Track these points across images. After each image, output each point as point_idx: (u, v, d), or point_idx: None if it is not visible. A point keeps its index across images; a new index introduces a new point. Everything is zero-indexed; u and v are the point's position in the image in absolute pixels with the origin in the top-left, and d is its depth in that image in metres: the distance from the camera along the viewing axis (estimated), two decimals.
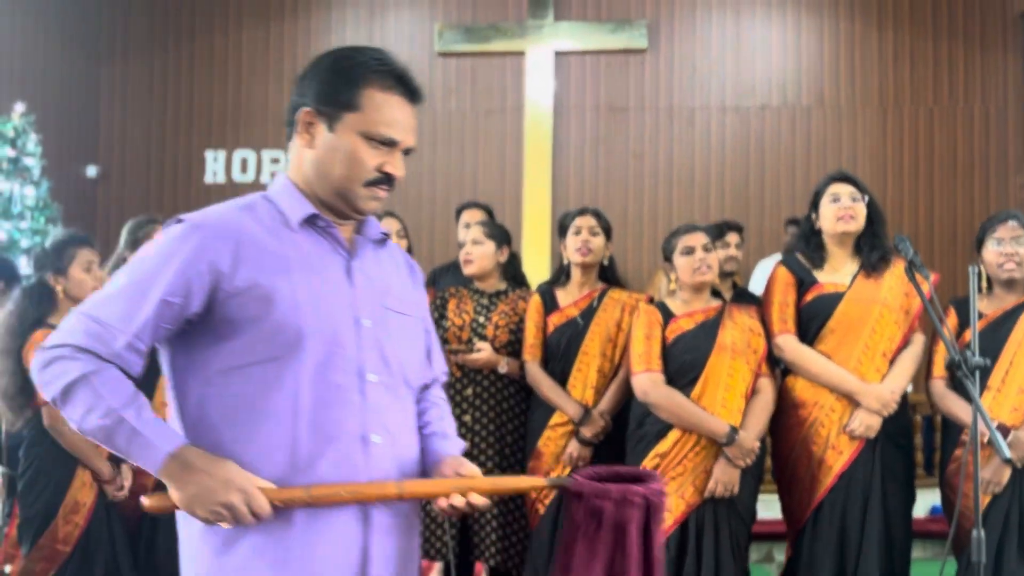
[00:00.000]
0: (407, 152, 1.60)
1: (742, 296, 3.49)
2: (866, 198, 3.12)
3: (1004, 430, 2.88)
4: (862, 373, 3.00)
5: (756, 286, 6.03)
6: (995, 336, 2.94)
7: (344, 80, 1.54)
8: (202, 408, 1.48)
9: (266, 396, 1.46)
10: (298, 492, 1.42)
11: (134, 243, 3.29)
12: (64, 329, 1.45)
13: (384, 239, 1.68)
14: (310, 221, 1.56)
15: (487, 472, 3.39)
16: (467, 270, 3.57)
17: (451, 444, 1.66)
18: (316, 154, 1.56)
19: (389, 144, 1.55)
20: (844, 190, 3.10)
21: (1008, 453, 2.11)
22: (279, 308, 1.47)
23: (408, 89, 1.57)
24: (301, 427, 1.47)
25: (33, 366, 1.45)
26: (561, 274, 3.50)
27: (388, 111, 1.54)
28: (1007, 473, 2.88)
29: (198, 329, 1.49)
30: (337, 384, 1.50)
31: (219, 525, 1.42)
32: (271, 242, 1.52)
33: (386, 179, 1.56)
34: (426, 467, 1.62)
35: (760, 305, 3.23)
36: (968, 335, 2.47)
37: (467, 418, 3.40)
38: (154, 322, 1.45)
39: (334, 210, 1.58)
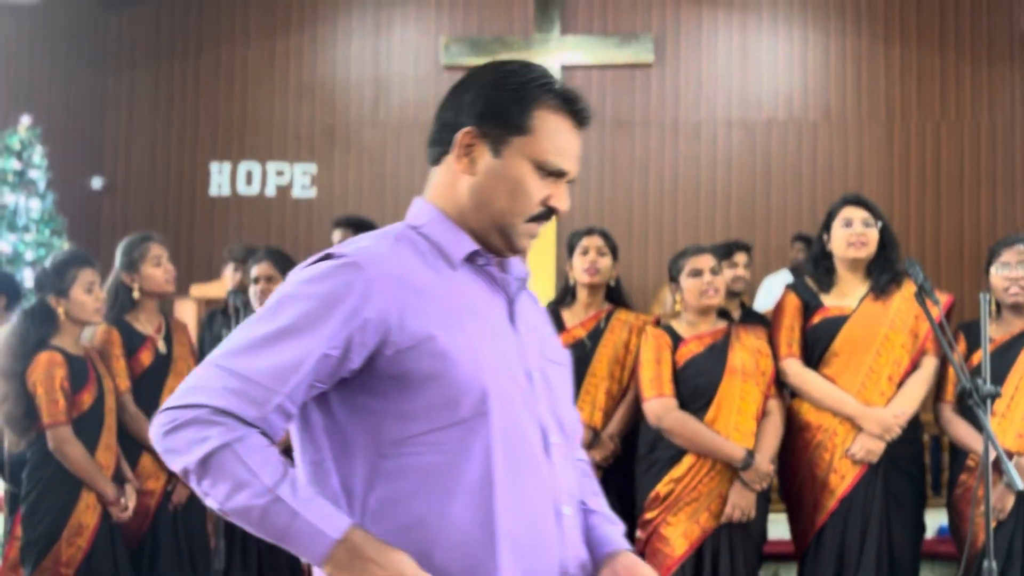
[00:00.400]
0: (569, 183, 1.40)
1: (747, 317, 3.47)
2: (879, 224, 3.09)
3: (1008, 455, 2.85)
4: (866, 397, 2.98)
5: (762, 302, 6.01)
6: (1002, 361, 2.91)
7: (514, 99, 1.33)
8: (372, 484, 1.25)
9: (454, 468, 1.24)
10: None
11: (129, 264, 3.27)
12: (197, 384, 1.22)
13: (527, 279, 1.44)
14: (470, 259, 1.35)
15: None
16: None
17: (618, 531, 1.45)
18: (476, 181, 1.34)
19: (557, 175, 1.35)
20: (857, 214, 3.07)
21: (1021, 484, 2.09)
22: (460, 364, 1.25)
23: (578, 113, 1.37)
24: (496, 503, 1.25)
25: (156, 428, 1.22)
26: (567, 294, 3.48)
27: (560, 137, 1.35)
28: (1011, 500, 2.86)
29: (356, 388, 1.26)
30: (525, 449, 1.29)
31: None
32: (437, 285, 1.30)
33: (548, 214, 1.36)
34: (594, 554, 1.40)
35: (767, 325, 3.22)
36: (976, 358, 2.45)
37: None
38: (310, 380, 1.21)
39: (488, 247, 1.36)
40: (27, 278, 5.91)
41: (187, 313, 5.74)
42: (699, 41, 7.61)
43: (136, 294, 3.26)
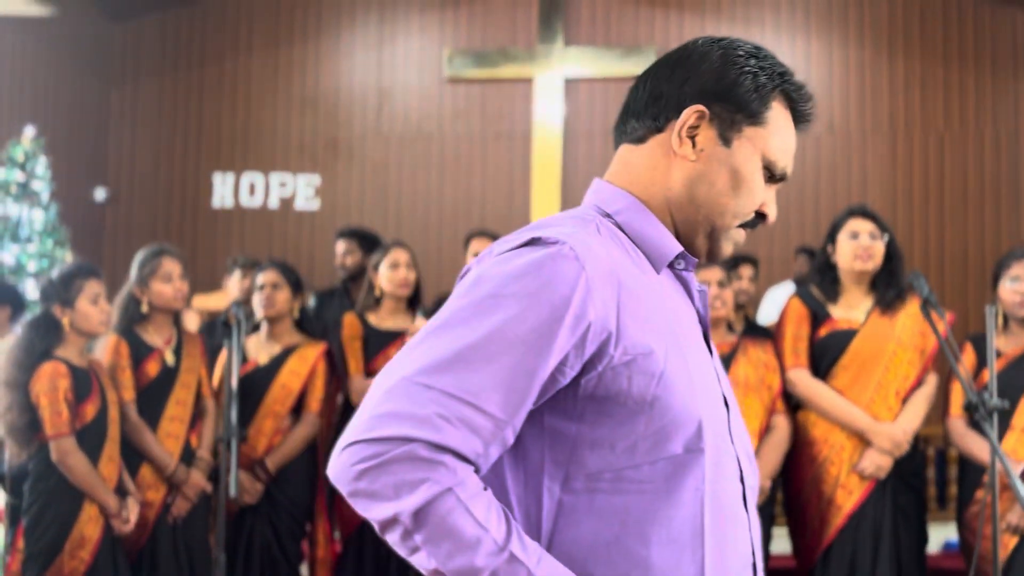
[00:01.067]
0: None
1: (754, 330, 3.46)
2: (886, 237, 3.07)
3: None
4: (874, 412, 2.96)
5: (766, 314, 5.99)
6: (1017, 375, 2.89)
7: (753, 82, 1.12)
8: (557, 524, 1.02)
9: (659, 513, 1.02)
10: None
11: (140, 279, 3.28)
12: (399, 411, 0.95)
13: (702, 292, 1.21)
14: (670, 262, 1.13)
15: None
16: None
17: None
18: (696, 169, 1.11)
19: (778, 178, 1.17)
20: (864, 227, 3.06)
21: None
22: (676, 388, 1.03)
23: (805, 115, 1.19)
24: (705, 559, 1.03)
25: (346, 464, 0.96)
26: None
27: (788, 136, 1.16)
28: None
29: (547, 407, 1.03)
30: (729, 495, 1.08)
31: None
32: (648, 290, 1.07)
33: (757, 221, 1.17)
34: None
35: (773, 339, 3.20)
36: (986, 375, 2.43)
37: None
38: (533, 399, 1.00)
39: (688, 248, 1.15)
40: (30, 289, 5.92)
41: (189, 324, 5.73)
42: None
43: (144, 308, 3.26)
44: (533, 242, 1.03)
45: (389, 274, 3.61)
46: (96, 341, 3.19)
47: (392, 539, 0.97)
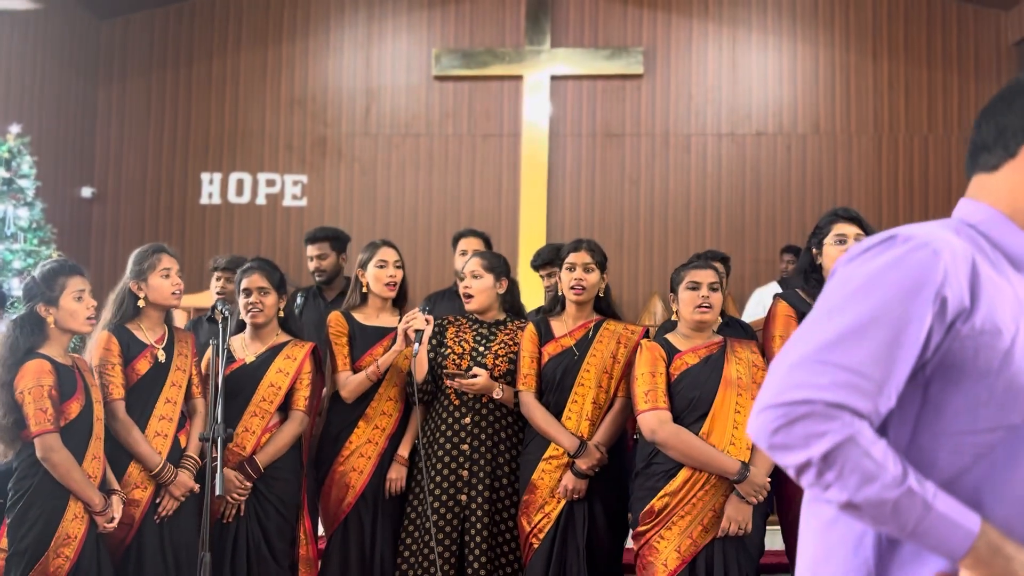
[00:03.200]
0: None
1: (732, 325, 3.48)
2: None
3: None
4: None
5: (751, 314, 6.02)
6: None
7: None
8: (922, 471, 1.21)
9: (999, 476, 1.19)
10: None
11: (138, 273, 3.28)
12: (800, 381, 1.18)
13: None
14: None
15: (480, 504, 3.36)
16: (469, 306, 3.56)
17: None
18: None
19: None
20: (850, 231, 3.07)
21: None
22: (1017, 361, 1.20)
23: None
24: None
25: (764, 425, 1.19)
26: (556, 303, 3.49)
27: None
28: None
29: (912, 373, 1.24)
30: None
31: None
32: (1000, 280, 1.24)
33: None
34: None
35: (751, 333, 3.21)
36: None
37: (465, 447, 3.38)
38: (910, 367, 1.19)
39: None
40: (15, 287, 5.89)
41: (177, 322, 5.71)
42: (689, 54, 7.65)
43: (141, 303, 3.26)
44: (891, 239, 1.24)
45: (376, 272, 3.62)
46: (87, 338, 3.18)
47: (806, 480, 1.18)
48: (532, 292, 6.87)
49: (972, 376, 1.19)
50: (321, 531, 3.67)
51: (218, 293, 4.44)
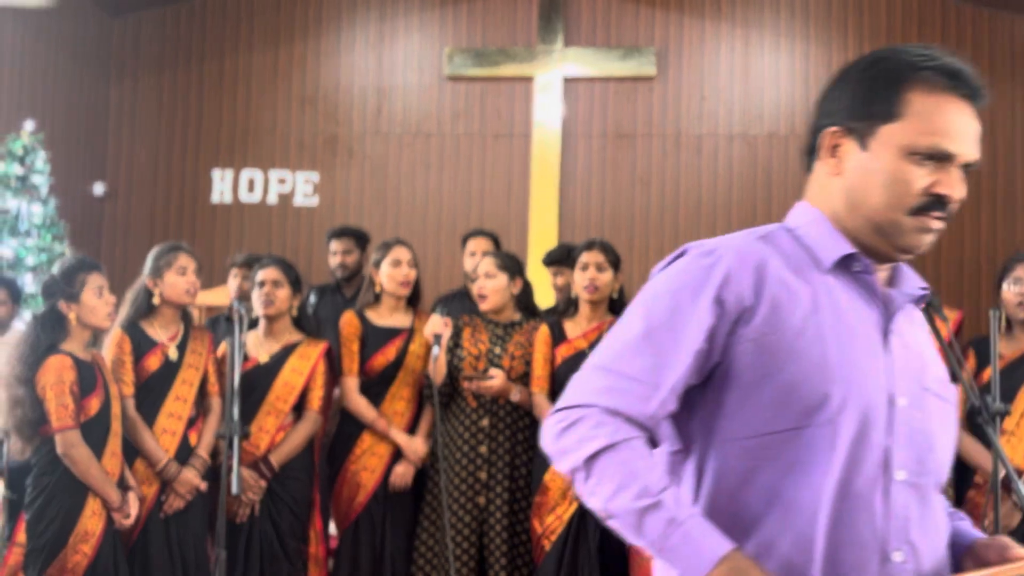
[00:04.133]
0: (968, 168, 1.25)
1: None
2: None
3: (1018, 473, 2.85)
4: None
5: None
6: (1012, 378, 2.91)
7: (881, 85, 1.23)
8: (701, 484, 1.21)
9: (786, 478, 1.15)
10: None
11: (155, 270, 3.29)
12: (581, 387, 1.21)
13: (924, 296, 1.31)
14: (844, 264, 1.25)
15: (499, 506, 3.35)
16: (483, 306, 3.55)
17: (967, 525, 1.31)
18: (846, 181, 1.26)
19: (940, 158, 1.21)
20: None
21: None
22: (800, 364, 1.16)
23: (961, 87, 1.22)
24: (819, 529, 1.14)
25: (549, 431, 1.21)
26: (569, 304, 3.48)
27: (938, 117, 1.21)
28: (1018, 518, 2.85)
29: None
30: (860, 479, 1.16)
31: None
32: (795, 282, 1.22)
33: (938, 202, 1.22)
34: (955, 553, 1.27)
35: None
36: (987, 375, 2.44)
37: (483, 449, 3.38)
38: (688, 374, 1.19)
39: (871, 251, 1.26)
40: (28, 283, 5.90)
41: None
42: (702, 54, 7.63)
43: (156, 300, 3.26)
44: (683, 252, 1.27)
45: (391, 271, 3.62)
46: (103, 336, 3.18)
47: (578, 488, 1.17)
48: (542, 292, 6.86)
49: (757, 379, 1.17)
50: (332, 530, 3.67)
51: (237, 295, 4.46)
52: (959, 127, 1.22)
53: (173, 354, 3.28)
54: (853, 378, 1.17)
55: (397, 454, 3.50)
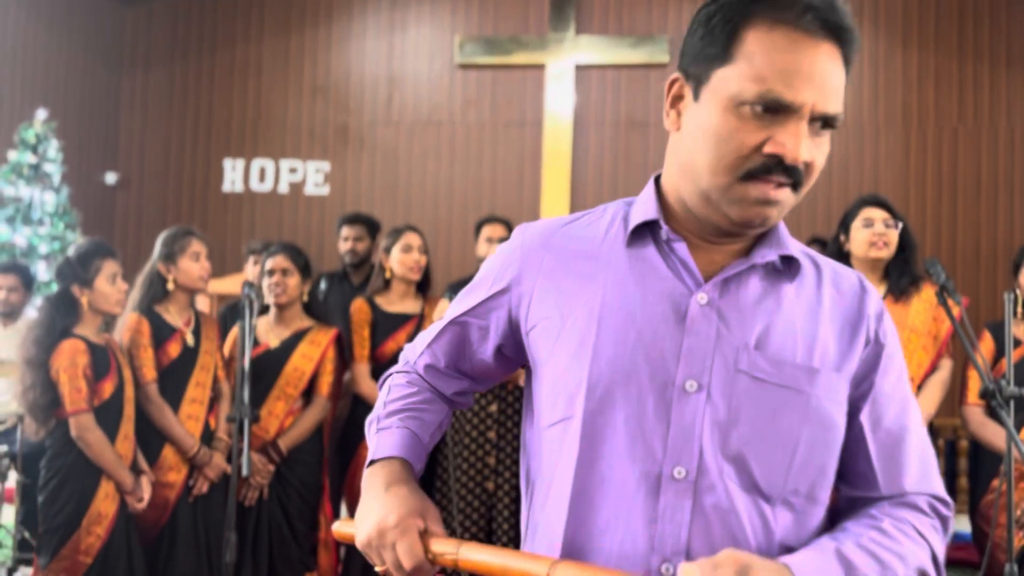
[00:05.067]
0: (827, 124, 1.00)
1: None
2: (900, 225, 3.05)
3: None
4: None
5: None
6: None
7: (719, 20, 0.99)
8: (528, 452, 1.18)
9: (548, 477, 1.08)
10: (450, 546, 1.04)
11: (167, 255, 3.29)
12: (415, 351, 1.31)
13: (791, 263, 1.08)
14: (650, 234, 1.08)
15: (507, 491, 3.35)
16: None
17: (819, 555, 0.97)
18: (676, 138, 1.06)
19: (776, 109, 0.96)
20: (878, 215, 3.04)
21: None
22: (566, 350, 1.05)
23: (820, 22, 0.96)
24: (564, 534, 1.04)
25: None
26: None
27: (776, 57, 0.96)
28: None
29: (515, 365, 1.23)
30: (609, 473, 1.01)
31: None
32: (584, 261, 1.08)
33: (777, 165, 0.97)
34: None
35: None
36: (1004, 362, 2.42)
37: (492, 434, 3.38)
38: (447, 345, 1.23)
39: (708, 223, 1.05)
40: (40, 271, 5.93)
41: (200, 307, 5.75)
42: None
43: (170, 285, 3.27)
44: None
45: (401, 257, 3.61)
46: (116, 320, 3.19)
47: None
48: None
49: (537, 368, 1.11)
50: (344, 515, 3.67)
51: (257, 277, 4.47)
52: (803, 70, 0.95)
53: (191, 340, 3.29)
54: (618, 362, 1.01)
55: None
